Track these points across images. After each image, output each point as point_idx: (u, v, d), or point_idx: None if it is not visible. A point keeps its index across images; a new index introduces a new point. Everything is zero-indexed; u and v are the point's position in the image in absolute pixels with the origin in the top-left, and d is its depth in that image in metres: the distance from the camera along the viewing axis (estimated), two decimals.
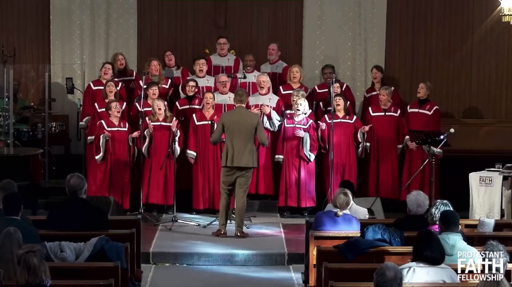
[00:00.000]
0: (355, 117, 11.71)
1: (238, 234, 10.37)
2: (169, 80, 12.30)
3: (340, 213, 7.75)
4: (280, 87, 12.26)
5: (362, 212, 8.67)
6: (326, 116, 11.55)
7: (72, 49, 13.38)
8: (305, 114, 11.47)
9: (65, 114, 13.26)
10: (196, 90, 11.84)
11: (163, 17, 13.49)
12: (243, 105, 10.56)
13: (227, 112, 10.87)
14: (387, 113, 11.88)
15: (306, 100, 11.52)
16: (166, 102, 11.54)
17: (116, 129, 11.28)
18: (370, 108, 11.99)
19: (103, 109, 11.51)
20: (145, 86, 11.48)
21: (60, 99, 13.19)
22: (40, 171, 11.41)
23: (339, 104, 11.49)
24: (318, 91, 12.45)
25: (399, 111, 11.92)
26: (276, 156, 11.62)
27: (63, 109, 13.32)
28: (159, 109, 11.29)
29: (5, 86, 12.27)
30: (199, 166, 11.47)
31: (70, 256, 6.71)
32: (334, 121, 11.28)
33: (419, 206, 7.46)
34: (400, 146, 11.89)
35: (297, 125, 11.42)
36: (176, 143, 11.14)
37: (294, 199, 11.47)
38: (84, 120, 12.08)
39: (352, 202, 8.00)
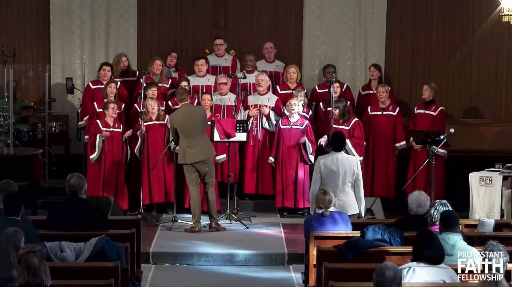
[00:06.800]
0: (354, 120, 11.33)
1: (213, 225, 10.51)
2: (169, 80, 12.30)
3: (327, 213, 7.76)
4: (277, 87, 12.26)
5: (353, 160, 8.94)
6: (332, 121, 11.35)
7: (72, 49, 13.38)
8: (305, 113, 11.46)
9: (65, 114, 13.26)
10: (188, 89, 11.86)
11: (163, 17, 13.49)
12: (186, 102, 10.68)
13: (173, 113, 10.83)
14: (384, 112, 11.87)
15: (300, 100, 11.46)
16: (158, 102, 11.51)
17: (111, 129, 11.28)
18: (369, 108, 11.99)
19: (102, 109, 11.51)
20: (145, 85, 11.50)
21: (60, 99, 13.18)
22: (40, 171, 11.40)
23: (335, 114, 11.27)
24: (318, 91, 12.43)
25: (397, 110, 11.90)
26: (270, 158, 11.60)
27: (63, 109, 13.32)
28: (153, 108, 11.33)
29: (5, 86, 12.27)
30: None
31: (70, 256, 6.71)
32: (334, 126, 11.25)
33: (419, 206, 7.46)
34: (398, 144, 11.87)
35: (293, 127, 11.41)
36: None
37: (291, 200, 11.45)
38: (84, 119, 12.08)
39: (334, 199, 7.99)
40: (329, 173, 8.89)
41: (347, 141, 11.08)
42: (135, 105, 11.68)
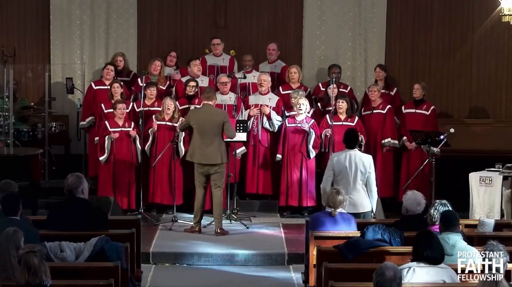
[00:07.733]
0: (357, 118, 11.63)
1: (218, 231, 10.44)
2: (168, 82, 12.29)
3: (335, 212, 7.77)
4: (280, 87, 12.26)
5: (367, 159, 8.96)
6: (327, 116, 11.49)
7: (72, 49, 13.38)
8: (307, 113, 11.49)
9: (65, 114, 13.25)
10: (197, 90, 11.84)
11: (163, 17, 13.49)
12: (210, 102, 10.57)
13: (194, 109, 10.90)
14: (374, 111, 11.88)
15: (306, 99, 11.53)
16: (176, 103, 11.48)
17: (119, 129, 11.27)
18: (363, 108, 12.05)
19: (110, 110, 11.50)
20: (144, 85, 11.50)
21: (60, 99, 13.18)
22: (40, 171, 11.40)
23: (341, 107, 11.44)
24: (322, 89, 12.40)
25: (387, 108, 11.87)
26: (277, 155, 11.62)
27: (63, 109, 13.32)
28: (168, 108, 11.29)
29: (5, 86, 12.26)
30: None
31: (70, 256, 6.72)
32: (335, 123, 11.29)
33: (418, 204, 7.49)
34: (383, 141, 11.84)
35: (298, 125, 11.43)
36: (181, 142, 11.15)
37: (296, 198, 11.46)
38: (87, 120, 12.09)
39: (344, 201, 8.00)
40: (342, 170, 8.93)
41: (363, 137, 11.18)
42: (134, 104, 11.69)
